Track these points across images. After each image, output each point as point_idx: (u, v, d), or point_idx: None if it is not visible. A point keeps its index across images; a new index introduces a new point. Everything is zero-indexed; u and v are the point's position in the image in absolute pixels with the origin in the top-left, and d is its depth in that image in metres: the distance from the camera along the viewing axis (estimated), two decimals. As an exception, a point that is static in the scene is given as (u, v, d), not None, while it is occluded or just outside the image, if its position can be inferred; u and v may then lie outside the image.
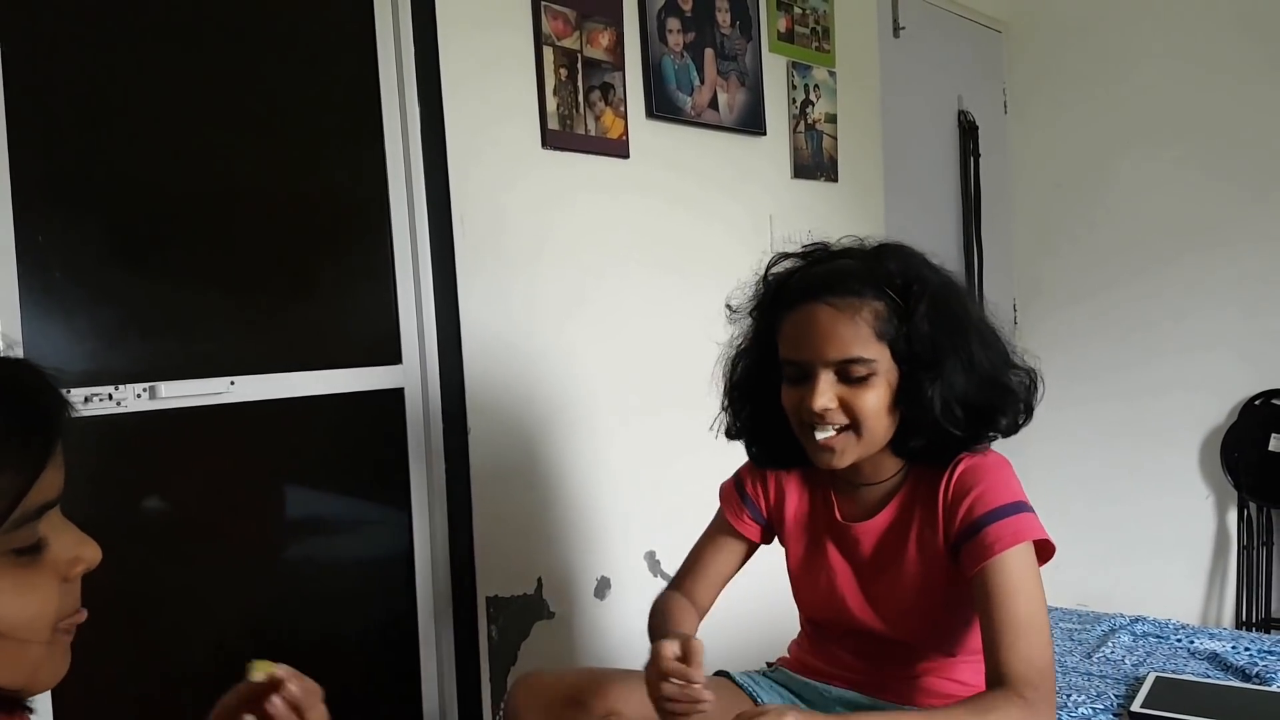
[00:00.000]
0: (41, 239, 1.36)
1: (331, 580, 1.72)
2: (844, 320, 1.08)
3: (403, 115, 1.75)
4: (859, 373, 1.09)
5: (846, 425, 1.11)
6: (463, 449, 1.80)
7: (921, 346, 1.09)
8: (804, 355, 1.11)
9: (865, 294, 1.09)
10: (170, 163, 1.51)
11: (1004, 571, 1.07)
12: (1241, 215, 3.06)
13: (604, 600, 2.03)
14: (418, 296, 1.78)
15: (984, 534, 1.09)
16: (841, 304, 1.09)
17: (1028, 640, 1.04)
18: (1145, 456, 3.26)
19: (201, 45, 1.54)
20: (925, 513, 1.16)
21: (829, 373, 1.09)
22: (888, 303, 1.10)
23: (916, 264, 1.15)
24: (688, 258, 2.20)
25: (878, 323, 1.09)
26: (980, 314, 1.17)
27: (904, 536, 1.18)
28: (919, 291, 1.10)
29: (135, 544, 1.46)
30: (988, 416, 1.13)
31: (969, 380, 1.10)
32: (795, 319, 1.12)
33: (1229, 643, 1.78)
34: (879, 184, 2.81)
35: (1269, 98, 3.00)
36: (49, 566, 0.62)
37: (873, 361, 1.09)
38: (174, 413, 1.47)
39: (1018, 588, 1.06)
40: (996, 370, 1.14)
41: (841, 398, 1.10)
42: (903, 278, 1.11)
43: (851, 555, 1.22)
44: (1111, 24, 3.25)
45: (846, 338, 1.08)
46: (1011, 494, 1.12)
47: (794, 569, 1.30)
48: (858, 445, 1.12)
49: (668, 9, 2.14)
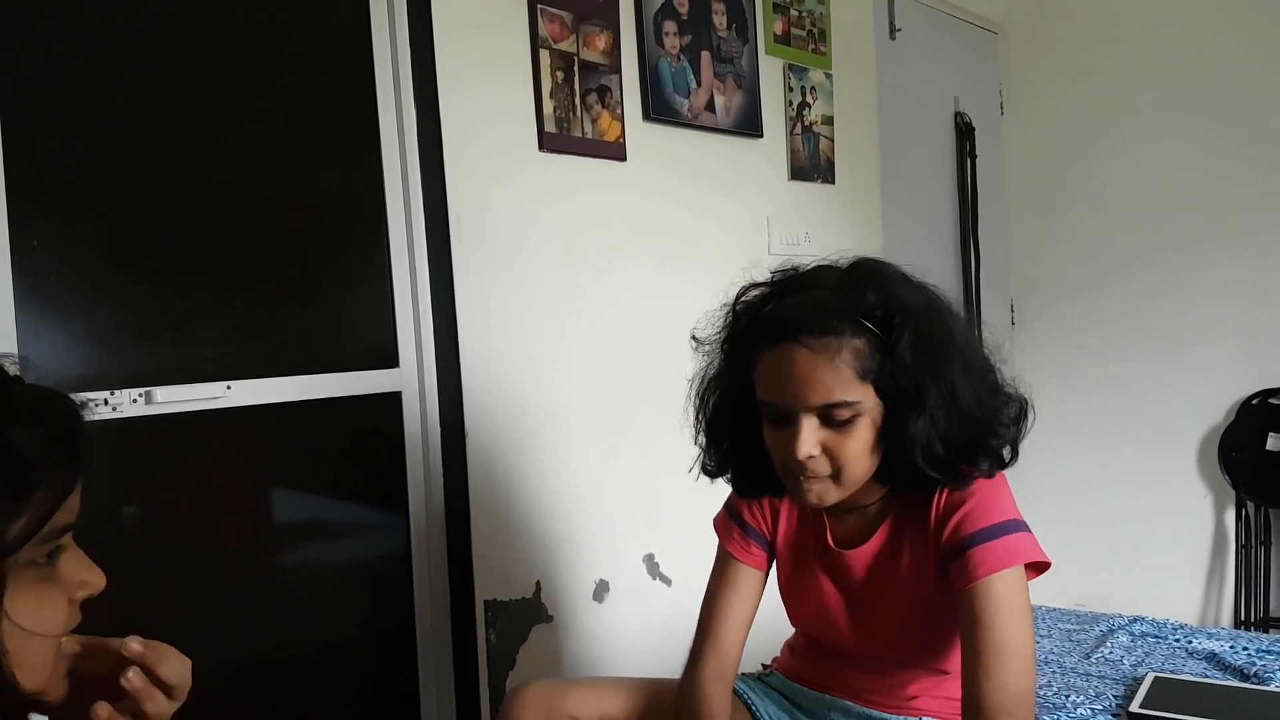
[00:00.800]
0: (37, 243, 1.35)
1: (329, 584, 1.72)
2: (823, 364, 1.00)
3: (399, 119, 1.75)
4: (843, 416, 1.02)
5: (829, 473, 1.06)
6: (460, 452, 1.79)
7: (905, 381, 1.02)
8: (784, 400, 1.04)
9: (844, 331, 1.01)
10: (165, 166, 1.51)
11: (988, 596, 1.03)
12: (1238, 214, 3.07)
13: (602, 603, 2.03)
14: (414, 300, 1.78)
15: (970, 555, 1.05)
16: (819, 345, 1.01)
17: (1007, 667, 1.01)
18: (1143, 455, 3.26)
19: (197, 48, 1.54)
20: (915, 533, 1.13)
21: (811, 418, 1.03)
22: (868, 338, 1.02)
23: (896, 288, 1.06)
24: (685, 260, 2.20)
25: (859, 362, 1.01)
26: (967, 336, 1.09)
27: (896, 560, 1.14)
28: (901, 323, 1.02)
29: (131, 550, 1.45)
30: (969, 456, 1.06)
31: (950, 416, 1.03)
32: (771, 361, 1.04)
33: (1227, 642, 1.78)
34: (876, 185, 2.81)
35: (1265, 98, 3.01)
36: (60, 586, 0.66)
37: (856, 404, 1.02)
38: (170, 418, 1.46)
39: (1001, 613, 1.02)
40: (981, 403, 1.06)
41: (825, 443, 1.04)
42: (883, 309, 1.03)
43: (843, 582, 1.19)
44: (1107, 25, 3.26)
45: (828, 383, 1.01)
46: (1002, 512, 1.07)
47: (784, 588, 1.27)
48: (838, 489, 1.07)
49: (664, 12, 2.14)
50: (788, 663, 1.35)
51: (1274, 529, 3.04)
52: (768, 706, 1.30)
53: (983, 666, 1.02)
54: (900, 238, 2.93)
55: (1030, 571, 1.09)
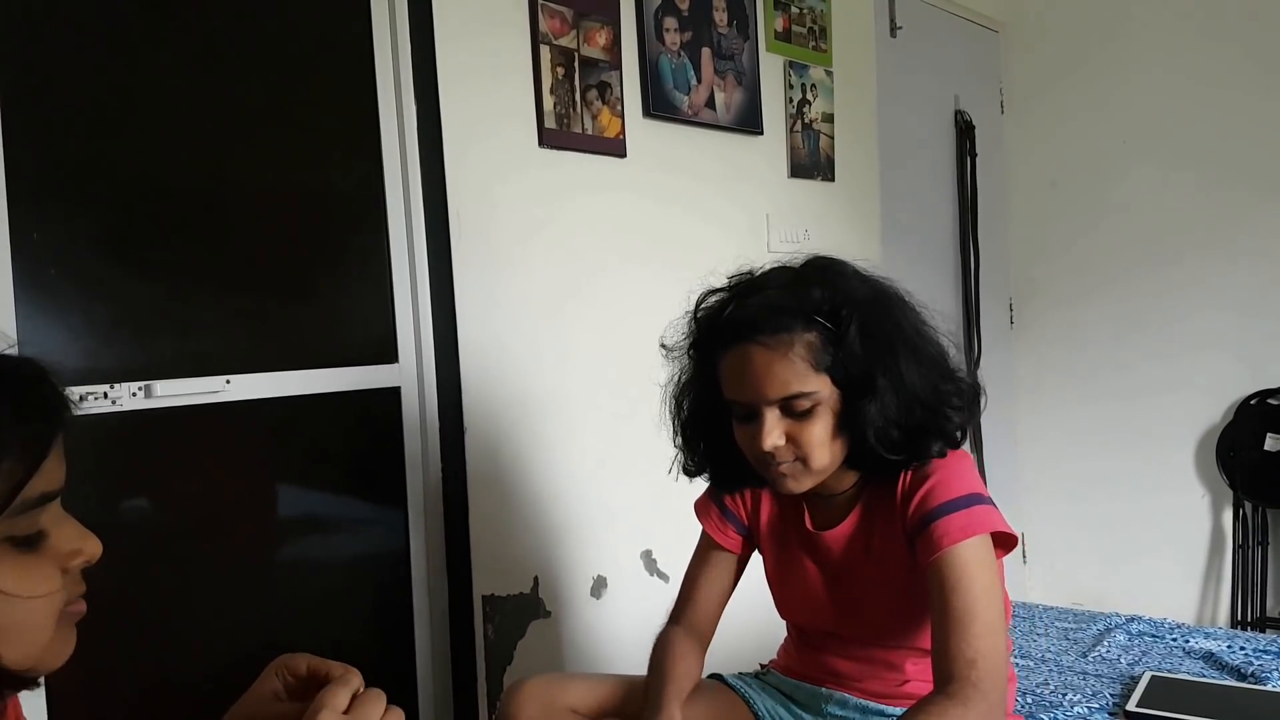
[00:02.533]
0: (36, 236, 1.35)
1: (327, 579, 1.72)
2: (778, 359, 1.07)
3: (399, 113, 1.75)
4: (802, 406, 1.08)
5: (796, 459, 1.11)
6: (459, 447, 1.79)
7: (855, 369, 1.08)
8: (746, 396, 1.10)
9: (795, 328, 1.07)
10: (166, 161, 1.50)
11: (950, 565, 1.07)
12: (1238, 215, 3.07)
13: (600, 599, 2.03)
14: (414, 295, 1.78)
15: (933, 527, 1.09)
16: (773, 342, 1.07)
17: (972, 627, 1.04)
18: (1141, 455, 3.26)
19: (198, 43, 1.53)
20: (886, 511, 1.17)
21: (773, 410, 1.09)
22: (819, 331, 1.08)
23: (844, 282, 1.12)
24: (685, 256, 2.20)
25: (812, 354, 1.07)
26: (916, 325, 1.14)
27: (870, 537, 1.19)
28: (848, 315, 1.08)
29: (131, 543, 1.45)
30: (921, 438, 1.11)
31: (900, 400, 1.09)
32: (730, 361, 1.11)
33: (1224, 642, 1.78)
34: (875, 183, 2.81)
35: (1266, 99, 3.01)
36: (50, 557, 0.64)
37: (814, 394, 1.08)
38: (170, 411, 1.46)
39: (962, 580, 1.06)
40: (933, 387, 1.11)
41: (789, 433, 1.10)
42: (830, 303, 1.09)
43: (823, 562, 1.23)
44: (1108, 24, 3.26)
45: (783, 376, 1.07)
46: (965, 486, 1.11)
47: (770, 575, 1.31)
48: (810, 475, 1.13)
49: (665, 8, 2.14)
50: (783, 661, 1.38)
51: (1271, 529, 3.05)
52: (765, 701, 1.31)
53: (948, 628, 1.05)
54: (899, 236, 2.94)
55: (999, 550, 1.13)
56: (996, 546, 1.12)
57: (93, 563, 0.67)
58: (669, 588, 2.13)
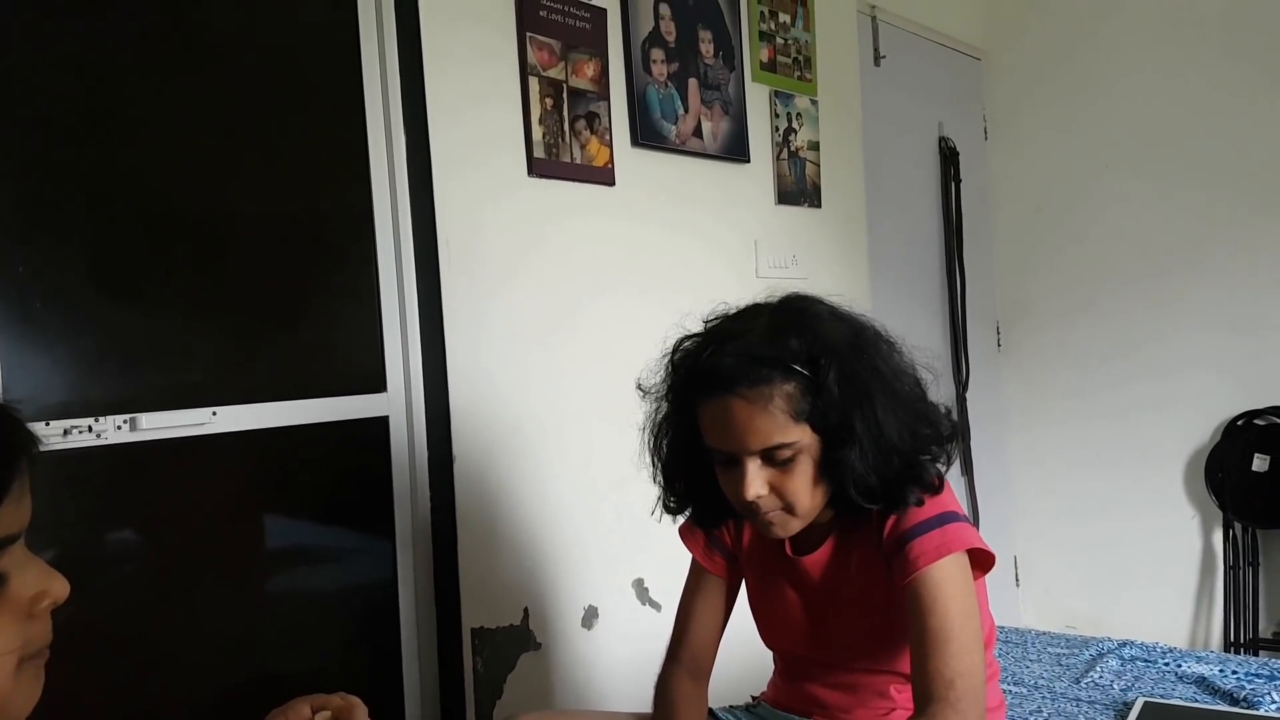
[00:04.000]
0: (22, 269, 1.35)
1: (314, 611, 1.70)
2: (757, 411, 1.06)
3: (388, 144, 1.75)
4: (784, 455, 1.08)
5: (780, 507, 1.11)
6: (447, 477, 1.78)
7: (834, 417, 1.07)
8: (728, 446, 1.10)
9: (774, 379, 1.06)
10: (154, 192, 1.50)
11: (926, 584, 1.07)
12: (1221, 236, 3.10)
13: (591, 630, 2.02)
14: (403, 324, 1.77)
15: (909, 548, 1.09)
16: (752, 394, 1.06)
17: (948, 647, 1.04)
18: (1130, 477, 3.27)
19: (186, 74, 1.54)
20: (863, 534, 1.17)
21: (754, 460, 1.09)
22: (799, 381, 1.07)
23: (820, 327, 1.11)
24: (674, 284, 2.20)
25: (790, 405, 1.06)
26: (895, 366, 1.14)
27: (847, 562, 1.19)
28: (826, 363, 1.07)
29: (115, 577, 1.43)
30: (898, 489, 1.11)
31: (879, 449, 1.08)
32: (711, 411, 1.10)
33: (1216, 665, 1.78)
34: (861, 209, 2.83)
35: (1244, 122, 3.06)
36: (9, 602, 0.61)
37: (794, 443, 1.08)
38: (155, 444, 1.45)
39: (938, 600, 1.06)
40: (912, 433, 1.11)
41: (771, 482, 1.09)
42: (808, 351, 1.08)
43: (802, 587, 1.23)
44: (1088, 51, 3.31)
45: (764, 428, 1.06)
46: (939, 505, 1.12)
47: (752, 600, 1.31)
48: (796, 520, 1.13)
49: (652, 40, 2.16)
50: (771, 694, 1.37)
51: (1262, 549, 3.05)
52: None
53: (925, 649, 1.05)
54: (886, 260, 2.96)
55: (977, 570, 1.13)
56: (975, 567, 1.13)
57: (59, 604, 0.64)
58: (662, 617, 2.12)
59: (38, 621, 0.63)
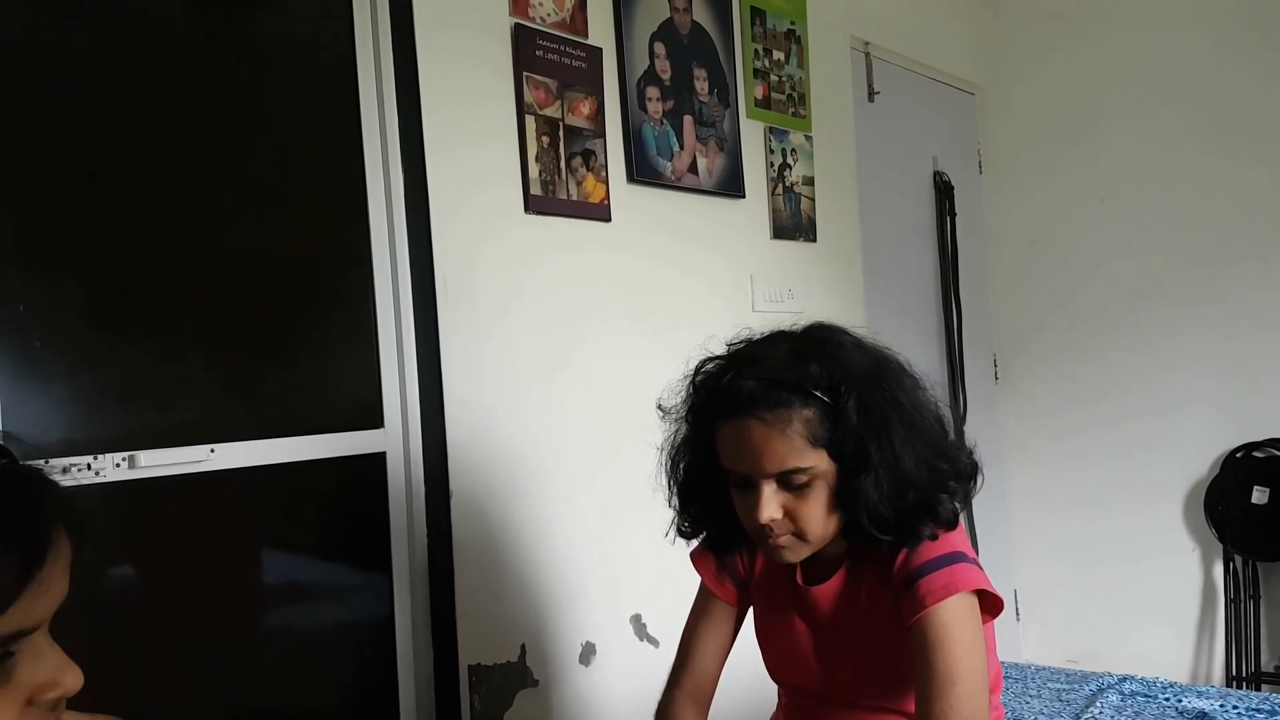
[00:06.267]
0: (22, 308, 1.36)
1: (311, 648, 1.69)
2: (775, 434, 1.07)
3: (386, 183, 1.77)
4: (800, 480, 1.09)
5: (792, 531, 1.11)
6: (445, 513, 1.78)
7: (853, 445, 1.07)
8: (744, 468, 1.10)
9: (794, 403, 1.07)
10: (153, 231, 1.52)
11: (934, 624, 1.06)
12: (1216, 269, 3.12)
13: (589, 666, 2.00)
14: (400, 360, 1.78)
15: (917, 586, 1.09)
16: (771, 417, 1.07)
17: (954, 690, 1.03)
18: (1129, 511, 3.26)
19: (183, 111, 1.56)
20: (873, 569, 1.17)
21: (770, 483, 1.09)
22: (817, 407, 1.07)
23: (843, 354, 1.12)
24: (671, 318, 2.22)
25: (809, 430, 1.07)
26: (915, 400, 1.14)
27: (857, 594, 1.19)
28: (847, 391, 1.07)
29: (114, 614, 1.43)
30: (912, 522, 1.10)
31: (894, 480, 1.08)
32: (729, 433, 1.10)
33: (1217, 701, 1.77)
34: (856, 243, 2.85)
35: (1235, 158, 3.09)
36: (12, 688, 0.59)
37: (811, 469, 1.08)
38: (154, 481, 1.45)
39: (945, 640, 1.05)
40: (930, 466, 1.10)
41: (785, 506, 1.10)
42: (829, 378, 1.08)
43: (811, 618, 1.23)
44: (1081, 86, 3.35)
45: (781, 452, 1.07)
46: (948, 545, 1.11)
47: (759, 632, 1.30)
48: (806, 546, 1.13)
49: (647, 78, 2.20)
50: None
51: (1263, 582, 3.04)
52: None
53: (931, 690, 1.04)
54: (882, 294, 2.97)
55: (985, 615, 1.12)
56: (983, 610, 1.12)
57: (70, 696, 0.62)
58: (660, 653, 2.10)
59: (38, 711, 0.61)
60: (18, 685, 0.59)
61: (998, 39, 3.53)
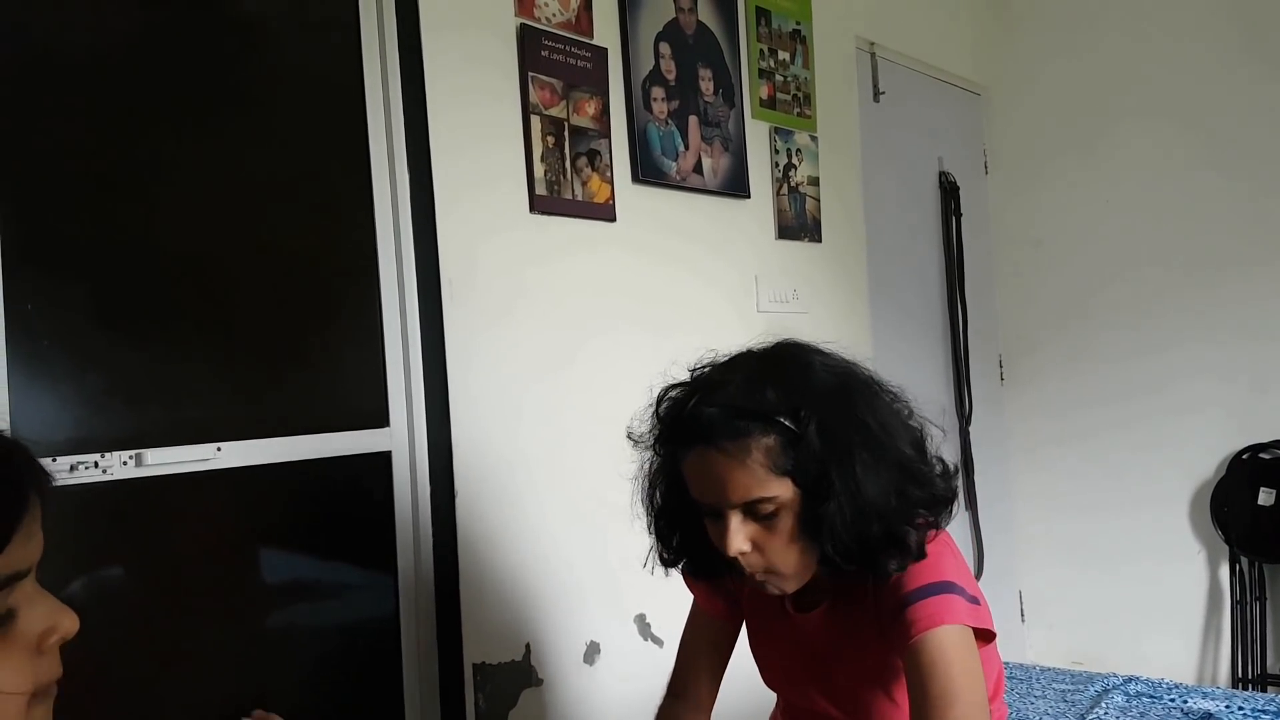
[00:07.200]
0: (30, 307, 1.37)
1: (316, 647, 1.70)
2: (735, 465, 1.02)
3: (392, 182, 1.78)
4: (766, 510, 1.04)
5: (764, 568, 1.08)
6: (450, 512, 1.79)
7: (815, 471, 1.03)
8: (709, 499, 1.07)
9: (753, 431, 1.02)
10: (160, 231, 1.53)
11: (927, 648, 1.02)
12: (1222, 272, 3.11)
13: (593, 666, 2.01)
14: (406, 360, 1.79)
15: (905, 614, 1.04)
16: (731, 447, 1.02)
17: (951, 716, 0.99)
18: (1135, 512, 3.26)
19: (191, 112, 1.57)
20: (860, 594, 1.13)
21: (736, 514, 1.05)
22: (779, 433, 1.02)
23: (804, 377, 1.06)
24: (675, 318, 2.22)
25: (770, 458, 1.02)
26: (882, 420, 1.08)
27: (846, 620, 1.16)
28: (807, 416, 1.02)
29: (120, 611, 1.44)
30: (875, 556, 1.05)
31: (856, 509, 1.03)
32: (692, 463, 1.07)
33: (1222, 702, 1.77)
34: (861, 243, 2.85)
35: (1241, 162, 3.08)
36: (19, 638, 0.62)
37: (775, 498, 1.04)
38: (160, 479, 1.46)
39: (938, 665, 1.01)
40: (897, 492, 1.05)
41: (754, 538, 1.06)
42: (789, 403, 1.03)
43: (801, 644, 1.20)
44: (1087, 86, 3.35)
45: (744, 482, 1.03)
46: (938, 573, 1.06)
47: (752, 645, 1.29)
48: (785, 579, 1.09)
49: (652, 78, 2.20)
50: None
51: (1269, 584, 3.03)
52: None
53: (928, 714, 1.01)
54: (887, 295, 2.97)
55: (980, 642, 1.08)
56: (977, 638, 1.07)
57: (69, 639, 0.64)
58: (664, 653, 2.11)
59: (47, 657, 0.64)
60: (24, 636, 0.62)
61: (1004, 40, 3.52)
